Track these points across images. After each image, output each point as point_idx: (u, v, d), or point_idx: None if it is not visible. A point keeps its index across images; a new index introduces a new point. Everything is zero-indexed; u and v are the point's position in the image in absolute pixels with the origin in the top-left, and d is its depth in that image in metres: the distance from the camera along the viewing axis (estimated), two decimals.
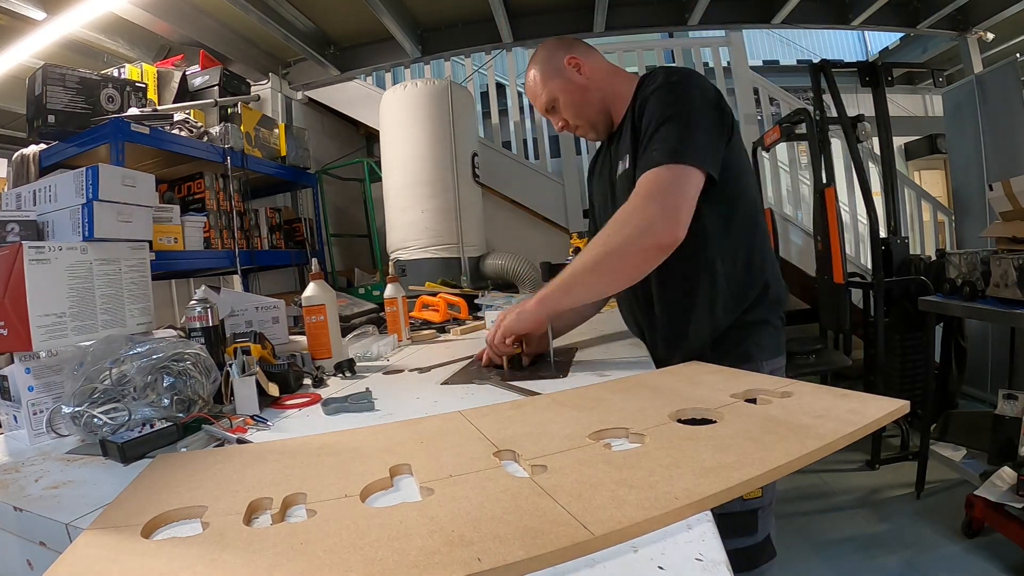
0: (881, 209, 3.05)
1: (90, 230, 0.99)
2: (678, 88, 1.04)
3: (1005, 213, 2.23)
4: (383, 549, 0.43)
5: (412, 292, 2.22)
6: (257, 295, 1.62)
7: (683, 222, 0.96)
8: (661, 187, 0.97)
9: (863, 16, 3.42)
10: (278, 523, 0.50)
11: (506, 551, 0.41)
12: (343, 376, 1.24)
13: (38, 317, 0.89)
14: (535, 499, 0.49)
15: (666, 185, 0.97)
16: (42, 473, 0.74)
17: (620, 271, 1.00)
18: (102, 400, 0.83)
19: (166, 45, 3.09)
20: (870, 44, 7.25)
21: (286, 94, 3.63)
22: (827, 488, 2.63)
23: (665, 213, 0.95)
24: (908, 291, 2.84)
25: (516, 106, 4.13)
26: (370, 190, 3.89)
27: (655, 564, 0.41)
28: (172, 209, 2.22)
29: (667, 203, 0.96)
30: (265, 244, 2.82)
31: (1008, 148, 3.23)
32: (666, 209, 0.95)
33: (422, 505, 0.51)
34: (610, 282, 1.04)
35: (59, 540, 0.58)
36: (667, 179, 0.97)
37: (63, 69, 2.06)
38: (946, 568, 1.95)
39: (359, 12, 3.06)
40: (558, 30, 3.56)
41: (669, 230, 0.95)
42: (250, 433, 0.83)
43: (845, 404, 0.69)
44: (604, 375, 1.00)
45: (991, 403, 2.65)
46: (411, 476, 0.59)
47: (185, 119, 2.42)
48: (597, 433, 0.65)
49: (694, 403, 0.74)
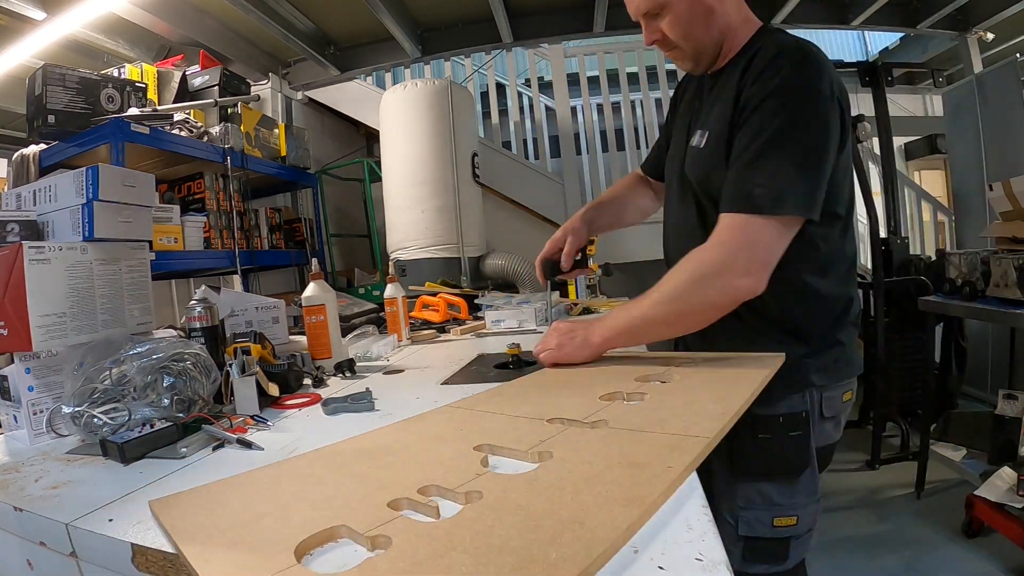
0: (881, 209, 3.06)
1: (90, 230, 0.99)
2: (799, 96, 0.87)
3: (1005, 213, 2.23)
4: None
5: (412, 292, 2.22)
6: (257, 295, 1.62)
7: (768, 276, 0.87)
8: (752, 242, 0.86)
9: (863, 16, 3.41)
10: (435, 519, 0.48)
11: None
12: (343, 376, 1.24)
13: (38, 317, 0.89)
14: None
15: (762, 242, 0.86)
16: (42, 473, 0.74)
17: (693, 325, 0.95)
18: (102, 400, 0.83)
19: (166, 45, 3.09)
20: (870, 44, 7.24)
21: (286, 94, 3.63)
22: (827, 488, 2.61)
23: (751, 271, 0.86)
24: (908, 291, 2.84)
25: (516, 106, 4.13)
26: (370, 190, 3.89)
27: (655, 564, 0.41)
28: (172, 209, 2.22)
29: (755, 259, 0.85)
30: (265, 244, 2.82)
31: (1008, 148, 3.23)
32: (753, 265, 0.85)
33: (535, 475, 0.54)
34: (680, 332, 1.01)
35: (59, 540, 0.58)
36: (763, 234, 0.86)
37: (63, 69, 2.06)
38: (946, 568, 1.95)
39: (359, 12, 3.05)
40: (558, 30, 3.56)
41: (753, 290, 0.87)
42: (250, 433, 0.83)
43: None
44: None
45: (991, 403, 2.65)
46: (496, 456, 0.62)
47: (185, 119, 2.42)
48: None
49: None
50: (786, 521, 0.93)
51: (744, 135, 0.90)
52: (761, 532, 0.94)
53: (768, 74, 0.89)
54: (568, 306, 2.10)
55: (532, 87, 4.17)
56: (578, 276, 1.46)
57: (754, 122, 0.88)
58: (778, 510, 0.94)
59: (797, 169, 0.86)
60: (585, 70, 4.05)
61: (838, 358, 0.98)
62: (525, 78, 4.47)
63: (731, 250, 0.87)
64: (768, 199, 0.85)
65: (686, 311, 0.91)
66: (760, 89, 0.89)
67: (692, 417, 0.67)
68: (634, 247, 3.66)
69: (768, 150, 0.86)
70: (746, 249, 0.86)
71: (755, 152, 0.87)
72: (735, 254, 0.86)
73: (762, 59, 0.91)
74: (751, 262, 0.86)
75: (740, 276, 0.86)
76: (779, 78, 0.88)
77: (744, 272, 0.86)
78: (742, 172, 0.88)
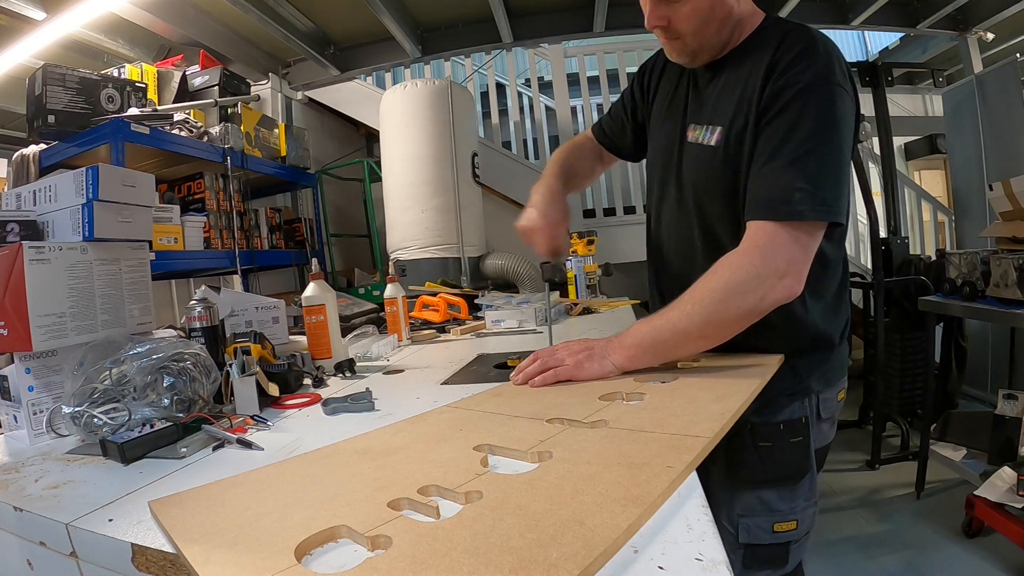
0: (881, 209, 3.06)
1: (90, 230, 0.99)
2: (831, 94, 0.83)
3: (1005, 213, 2.23)
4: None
5: (412, 292, 2.22)
6: (257, 295, 1.62)
7: (805, 279, 0.84)
8: (791, 247, 0.82)
9: (863, 16, 3.41)
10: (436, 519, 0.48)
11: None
12: (343, 376, 1.24)
13: (38, 317, 0.89)
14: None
15: (801, 246, 0.83)
16: (42, 473, 0.74)
17: (727, 336, 0.87)
18: (102, 400, 0.83)
19: (166, 45, 3.09)
20: (870, 44, 7.24)
21: (286, 94, 3.63)
22: (827, 488, 2.63)
23: (790, 275, 0.82)
24: (908, 291, 2.84)
25: (516, 106, 4.13)
26: (370, 190, 3.89)
27: (655, 564, 0.41)
28: (172, 209, 2.22)
29: (795, 263, 0.82)
30: (265, 244, 2.82)
31: (1008, 148, 3.23)
32: (792, 270, 0.82)
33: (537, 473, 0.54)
34: (712, 345, 0.90)
35: (59, 540, 0.58)
36: (802, 238, 0.83)
37: (63, 69, 2.06)
38: (946, 568, 1.95)
39: (359, 12, 3.05)
40: (558, 30, 3.56)
41: (792, 295, 0.84)
42: (250, 433, 0.83)
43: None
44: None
45: (991, 403, 2.65)
46: (496, 456, 0.62)
47: (185, 119, 2.42)
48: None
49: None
50: (786, 526, 0.92)
51: (773, 133, 0.85)
52: (761, 539, 0.93)
53: (801, 66, 0.84)
54: (568, 306, 2.10)
55: (532, 87, 4.17)
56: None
57: (786, 119, 0.84)
58: (779, 516, 0.93)
59: (833, 172, 0.83)
60: (585, 70, 4.05)
61: (834, 361, 0.98)
62: (525, 78, 4.47)
63: (770, 258, 0.82)
64: (810, 205, 0.81)
65: (725, 323, 0.85)
66: (789, 83, 0.84)
67: (692, 417, 0.67)
68: (634, 247, 3.66)
69: (805, 152, 0.82)
70: (785, 255, 0.82)
71: (791, 154, 0.83)
72: (775, 262, 0.82)
73: (793, 46, 0.86)
74: (791, 268, 0.82)
75: (780, 281, 0.82)
76: (811, 72, 0.83)
77: (784, 276, 0.82)
78: (778, 175, 0.83)
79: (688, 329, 0.85)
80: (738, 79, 0.92)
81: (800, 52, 0.85)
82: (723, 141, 0.92)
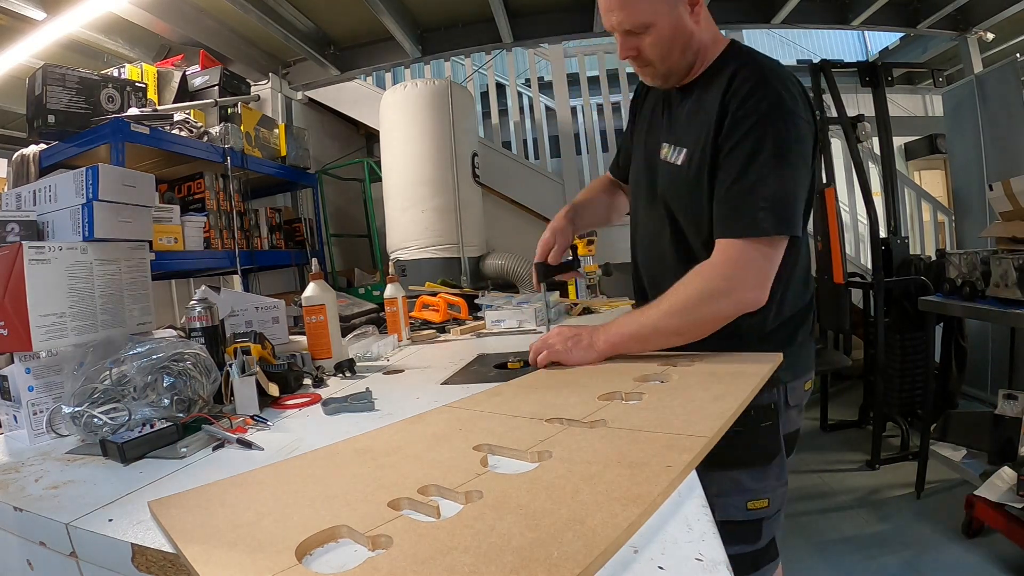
0: (881, 209, 3.05)
1: (90, 230, 0.99)
2: (787, 121, 0.94)
3: (1005, 213, 2.23)
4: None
5: (412, 292, 2.22)
6: (257, 295, 1.62)
7: (770, 287, 0.97)
8: (758, 261, 0.95)
9: (863, 16, 3.41)
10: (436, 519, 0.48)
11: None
12: (343, 376, 1.24)
13: (38, 317, 0.89)
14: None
15: (767, 260, 0.96)
16: (42, 473, 0.74)
17: (700, 335, 1.00)
18: (102, 400, 0.83)
19: (166, 45, 3.09)
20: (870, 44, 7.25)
21: (286, 94, 3.63)
22: (827, 488, 2.63)
23: (758, 286, 0.95)
24: (908, 291, 2.84)
25: (516, 106, 4.13)
26: (370, 190, 3.89)
27: (655, 564, 0.41)
28: (172, 209, 2.22)
29: (762, 275, 0.96)
30: (265, 244, 2.82)
31: (1008, 148, 3.23)
32: (759, 281, 0.95)
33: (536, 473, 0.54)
34: (688, 341, 1.02)
35: (59, 540, 0.58)
36: (767, 253, 0.95)
37: (63, 69, 2.06)
38: (946, 568, 1.95)
39: (359, 12, 3.05)
40: (558, 30, 3.56)
41: (759, 302, 0.96)
42: (250, 433, 0.83)
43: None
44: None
45: (991, 403, 2.65)
46: (496, 455, 0.63)
47: (185, 119, 2.42)
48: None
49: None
50: (758, 504, 1.01)
51: (735, 159, 0.96)
52: (735, 515, 1.00)
53: (755, 99, 0.95)
54: (568, 306, 2.10)
55: (532, 87, 4.17)
56: (572, 278, 1.49)
57: (746, 146, 0.95)
58: (751, 494, 1.01)
59: (792, 191, 0.94)
60: (585, 70, 4.05)
61: (801, 356, 1.09)
62: (525, 78, 4.47)
63: (739, 269, 0.95)
64: (772, 222, 0.93)
65: (698, 323, 0.98)
66: (747, 113, 0.95)
67: (691, 416, 0.67)
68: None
69: (765, 174, 0.93)
70: (753, 267, 0.95)
71: (753, 177, 0.94)
72: (744, 272, 0.95)
73: (745, 81, 0.96)
74: (758, 278, 0.95)
75: (749, 291, 0.95)
76: (766, 103, 0.94)
77: (752, 287, 0.95)
78: (743, 197, 0.95)
79: (667, 328, 0.99)
80: (699, 107, 1.03)
81: (750, 90, 0.96)
82: (688, 161, 1.04)
